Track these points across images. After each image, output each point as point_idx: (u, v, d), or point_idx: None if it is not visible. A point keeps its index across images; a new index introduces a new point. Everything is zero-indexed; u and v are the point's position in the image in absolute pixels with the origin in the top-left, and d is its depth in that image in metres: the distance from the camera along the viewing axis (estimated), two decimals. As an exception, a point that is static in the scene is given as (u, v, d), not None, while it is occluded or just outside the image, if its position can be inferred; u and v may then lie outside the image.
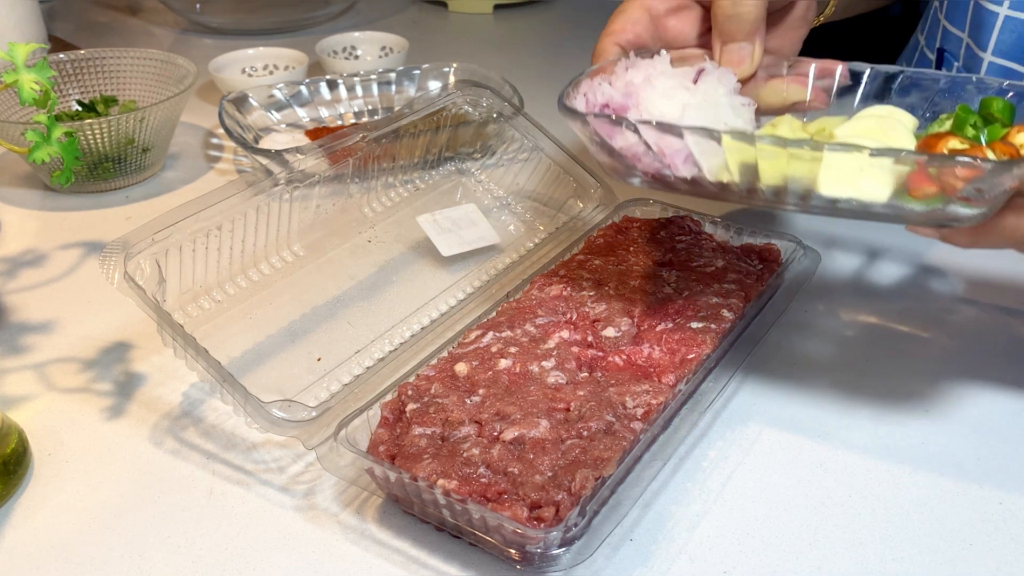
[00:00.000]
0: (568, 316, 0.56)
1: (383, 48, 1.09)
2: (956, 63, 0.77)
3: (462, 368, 0.51)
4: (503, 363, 0.52)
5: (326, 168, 0.62)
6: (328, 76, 0.92)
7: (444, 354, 0.54)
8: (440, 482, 0.44)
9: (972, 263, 0.69)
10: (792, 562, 0.46)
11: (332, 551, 0.47)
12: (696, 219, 0.67)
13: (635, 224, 0.66)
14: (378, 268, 0.66)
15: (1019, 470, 0.51)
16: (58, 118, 0.73)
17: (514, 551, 0.44)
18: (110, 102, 0.87)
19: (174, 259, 0.53)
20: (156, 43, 1.21)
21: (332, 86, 0.92)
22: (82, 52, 0.88)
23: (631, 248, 0.63)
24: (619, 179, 0.51)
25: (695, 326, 0.54)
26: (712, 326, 0.54)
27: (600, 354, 0.53)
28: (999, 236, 0.46)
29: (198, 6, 1.27)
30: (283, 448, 0.53)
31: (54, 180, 0.63)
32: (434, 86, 0.94)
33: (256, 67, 1.03)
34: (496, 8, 1.35)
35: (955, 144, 0.45)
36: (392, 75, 0.94)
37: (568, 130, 0.53)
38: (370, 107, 0.93)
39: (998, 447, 0.53)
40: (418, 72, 0.94)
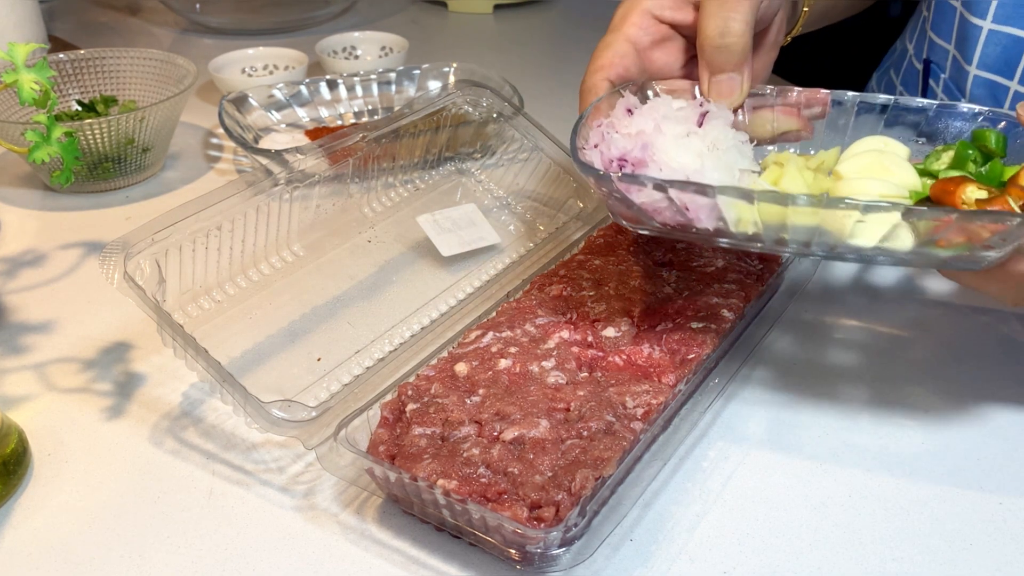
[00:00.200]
0: (568, 316, 0.56)
1: (383, 48, 1.09)
2: (943, 75, 0.77)
3: (462, 368, 0.51)
4: (503, 363, 0.52)
5: (326, 168, 0.62)
6: (328, 76, 0.93)
7: (444, 354, 0.54)
8: (440, 482, 0.44)
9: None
10: (792, 562, 0.46)
11: (332, 551, 0.47)
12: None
13: (635, 224, 0.66)
14: (378, 268, 0.66)
15: (1019, 470, 0.51)
16: (58, 118, 0.74)
17: (514, 551, 0.44)
18: (110, 102, 0.87)
19: (174, 259, 0.53)
20: (156, 43, 1.21)
21: (332, 86, 0.92)
22: (82, 52, 0.88)
23: (631, 248, 0.63)
24: (634, 229, 0.51)
25: (695, 326, 0.54)
26: (712, 326, 0.54)
27: (600, 354, 0.53)
28: (1003, 282, 0.46)
29: (198, 6, 1.27)
30: (283, 448, 0.53)
31: (54, 180, 0.63)
32: (434, 86, 0.94)
33: (256, 67, 1.03)
34: (496, 8, 1.35)
35: (975, 191, 0.45)
36: (392, 75, 0.94)
37: (568, 130, 0.53)
38: (370, 107, 0.93)
39: (998, 447, 0.53)
40: (418, 72, 0.94)
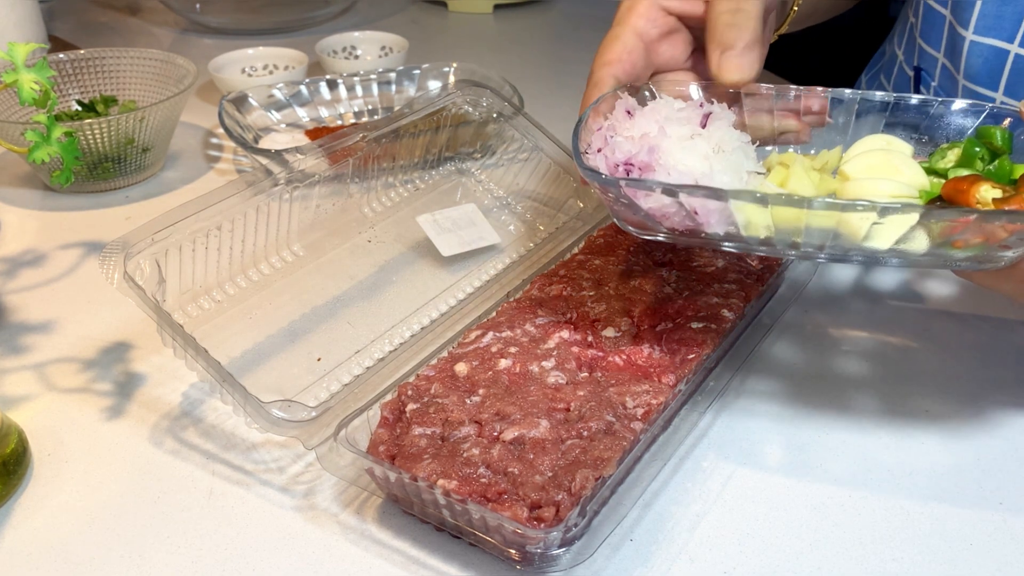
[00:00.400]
0: (568, 316, 0.56)
1: (383, 48, 1.09)
2: (933, 83, 0.76)
3: (462, 368, 0.51)
4: (503, 363, 0.52)
5: (326, 168, 0.62)
6: (328, 76, 0.92)
7: (444, 354, 0.54)
8: (440, 482, 0.44)
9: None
10: (792, 562, 0.46)
11: (332, 551, 0.47)
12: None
13: (635, 224, 0.66)
14: (378, 268, 0.66)
15: (1019, 470, 0.51)
16: (58, 118, 0.74)
17: (514, 551, 0.44)
18: (110, 102, 0.87)
19: (174, 259, 0.53)
20: (156, 43, 1.21)
21: (332, 86, 0.92)
22: (82, 52, 0.88)
23: (631, 248, 0.63)
24: (640, 235, 0.49)
25: (695, 326, 0.54)
26: (712, 326, 0.54)
27: (600, 354, 0.53)
28: (1020, 281, 0.46)
29: (198, 6, 1.27)
30: (283, 448, 0.53)
31: (54, 180, 0.63)
32: (434, 86, 0.94)
33: (256, 67, 1.03)
34: (496, 8, 1.35)
35: (989, 189, 0.45)
36: (392, 75, 0.94)
37: (568, 130, 0.52)
38: (370, 107, 0.93)
39: (998, 447, 0.53)
40: (418, 72, 0.94)
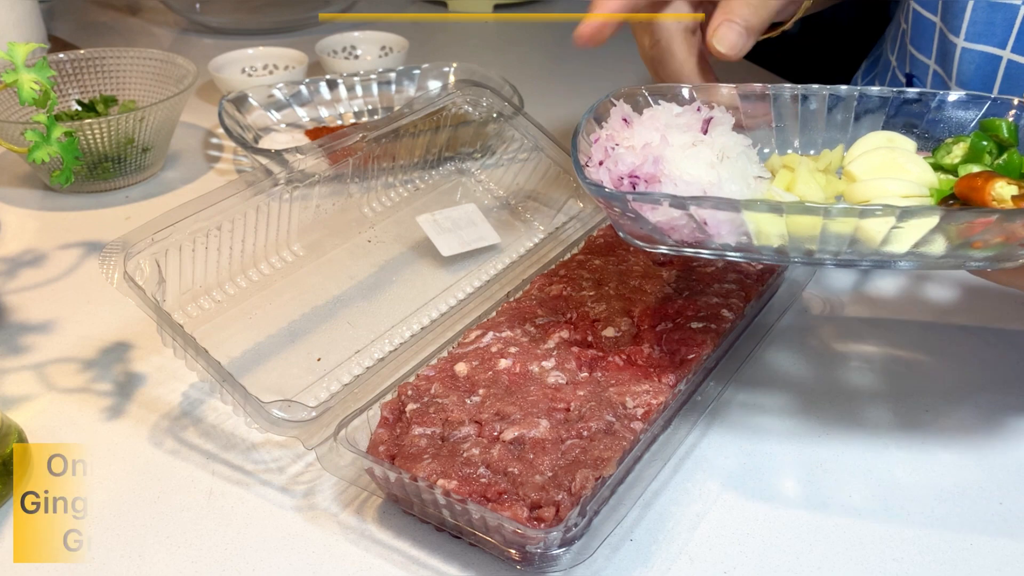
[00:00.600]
0: (568, 316, 0.56)
1: (383, 48, 1.09)
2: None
3: (462, 368, 0.51)
4: (503, 363, 0.52)
5: (326, 168, 0.62)
6: (328, 76, 0.92)
7: (444, 354, 0.54)
8: (440, 482, 0.44)
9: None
10: (792, 562, 0.46)
11: (332, 551, 0.47)
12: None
13: (635, 224, 0.66)
14: (378, 268, 0.66)
15: (1019, 470, 0.51)
16: (58, 118, 0.73)
17: (514, 551, 0.44)
18: (110, 102, 0.87)
19: (174, 259, 0.53)
20: (156, 43, 1.21)
21: (332, 86, 0.92)
22: (82, 52, 0.88)
23: (631, 248, 0.63)
24: (645, 248, 0.47)
25: (695, 326, 0.54)
26: (712, 326, 0.54)
27: (600, 354, 0.53)
28: None
29: (198, 6, 1.27)
30: (283, 448, 0.53)
31: (54, 180, 0.62)
32: (434, 86, 0.94)
33: (256, 67, 1.03)
34: (496, 8, 1.35)
35: (1004, 186, 0.44)
36: (392, 75, 0.94)
37: (568, 130, 0.52)
38: (370, 107, 0.93)
39: (998, 447, 0.53)
40: (418, 72, 0.94)
